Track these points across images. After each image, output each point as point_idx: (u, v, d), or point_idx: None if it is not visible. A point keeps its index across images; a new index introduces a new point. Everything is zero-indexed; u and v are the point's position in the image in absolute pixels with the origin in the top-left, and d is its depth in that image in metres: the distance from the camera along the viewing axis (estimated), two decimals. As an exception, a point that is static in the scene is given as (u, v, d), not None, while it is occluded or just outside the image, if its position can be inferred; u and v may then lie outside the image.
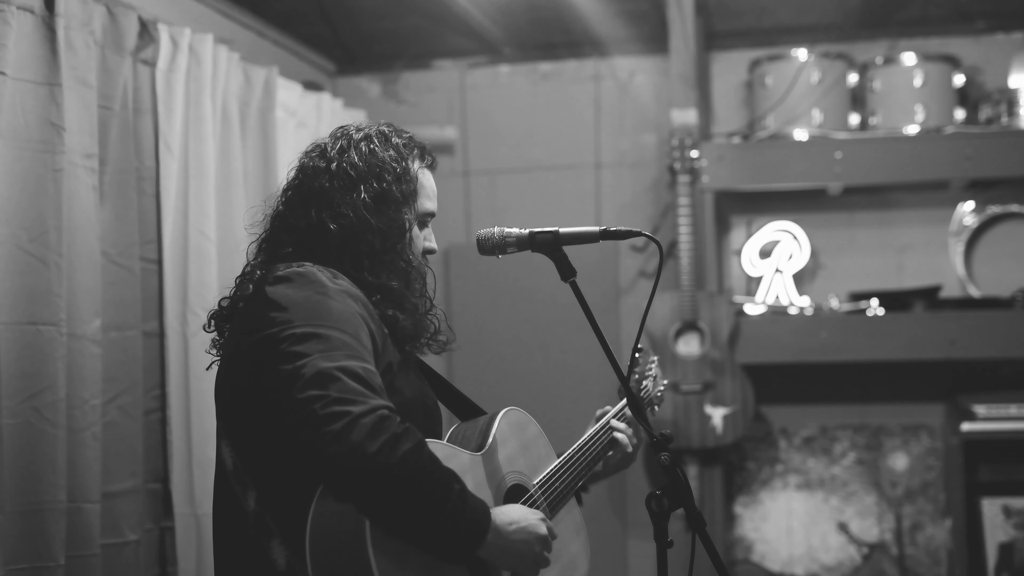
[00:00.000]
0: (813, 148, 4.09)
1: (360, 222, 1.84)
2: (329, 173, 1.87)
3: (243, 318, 1.79)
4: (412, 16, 4.43)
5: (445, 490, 1.63)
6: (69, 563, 2.44)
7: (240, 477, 1.75)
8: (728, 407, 4.03)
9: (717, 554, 1.85)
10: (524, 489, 1.95)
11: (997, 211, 4.15)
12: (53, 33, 2.49)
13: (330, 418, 1.55)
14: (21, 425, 2.38)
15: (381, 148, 1.90)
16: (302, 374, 1.59)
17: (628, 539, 4.44)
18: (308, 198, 1.87)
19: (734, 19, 4.42)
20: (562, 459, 2.07)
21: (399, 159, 1.91)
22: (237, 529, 1.76)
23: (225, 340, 1.87)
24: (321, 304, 1.70)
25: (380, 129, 1.94)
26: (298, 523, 1.64)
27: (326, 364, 1.60)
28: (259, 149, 3.41)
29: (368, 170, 1.88)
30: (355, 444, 1.54)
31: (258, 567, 1.72)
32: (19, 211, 2.41)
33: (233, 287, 1.88)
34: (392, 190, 1.88)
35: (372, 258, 1.85)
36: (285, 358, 1.63)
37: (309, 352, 1.62)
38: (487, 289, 4.37)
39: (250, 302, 1.78)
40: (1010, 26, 4.30)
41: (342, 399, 1.57)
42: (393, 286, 1.85)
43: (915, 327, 4.03)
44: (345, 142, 1.91)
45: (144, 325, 2.90)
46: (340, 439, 1.54)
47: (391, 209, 1.88)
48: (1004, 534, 3.94)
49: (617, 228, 1.93)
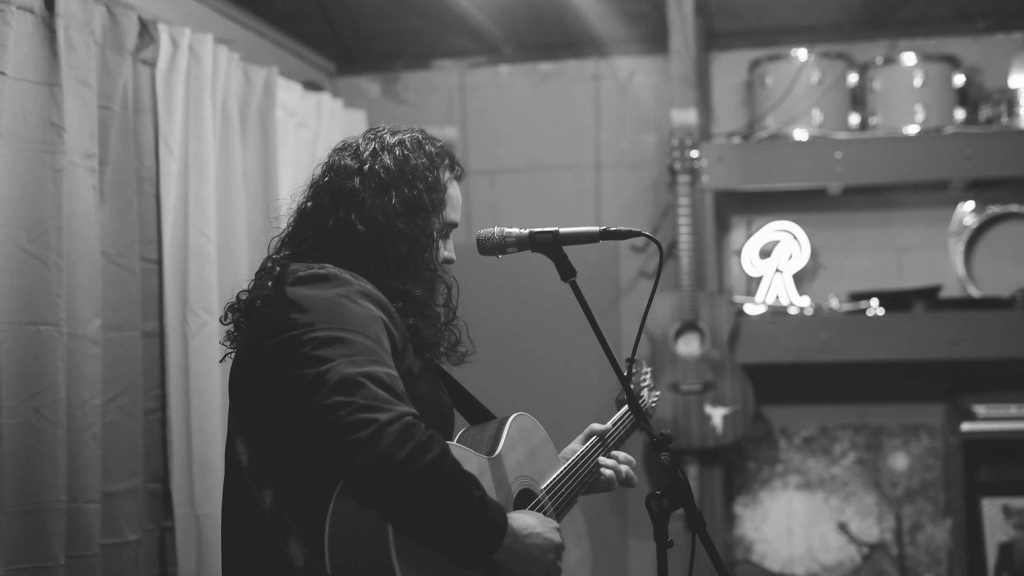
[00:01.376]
0: (813, 148, 4.09)
1: (389, 227, 1.83)
2: (360, 174, 1.86)
3: (263, 317, 1.77)
4: (412, 16, 4.43)
5: (467, 496, 1.63)
6: (69, 563, 2.44)
7: (256, 474, 1.74)
8: (728, 407, 4.03)
9: (717, 554, 1.85)
10: (532, 494, 1.95)
11: (997, 211, 4.15)
12: (53, 33, 2.49)
13: (357, 425, 1.55)
14: (21, 425, 2.37)
15: (414, 155, 1.89)
16: (327, 379, 1.59)
17: (628, 539, 4.44)
18: (337, 197, 1.86)
19: (734, 19, 4.42)
20: (566, 466, 2.07)
21: (431, 167, 1.90)
22: (251, 527, 1.75)
23: (242, 335, 1.86)
24: (343, 307, 1.69)
25: (414, 136, 1.93)
26: (317, 521, 1.64)
27: (351, 370, 1.60)
28: (259, 149, 3.41)
29: (400, 175, 1.86)
30: (382, 452, 1.54)
31: (273, 565, 1.70)
32: (19, 211, 2.41)
33: (252, 280, 1.87)
34: (423, 198, 1.87)
35: (398, 264, 1.84)
36: (308, 362, 1.62)
37: (333, 357, 1.61)
38: (487, 289, 4.37)
39: (270, 302, 1.76)
40: (1010, 26, 4.30)
41: (368, 406, 1.56)
42: (416, 294, 1.84)
43: (915, 327, 4.03)
44: (378, 144, 1.89)
45: (144, 325, 2.90)
46: (367, 447, 1.54)
47: (420, 217, 1.87)
48: (1004, 534, 3.94)
49: (617, 228, 1.93)
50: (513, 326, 4.46)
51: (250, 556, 1.76)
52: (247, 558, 1.77)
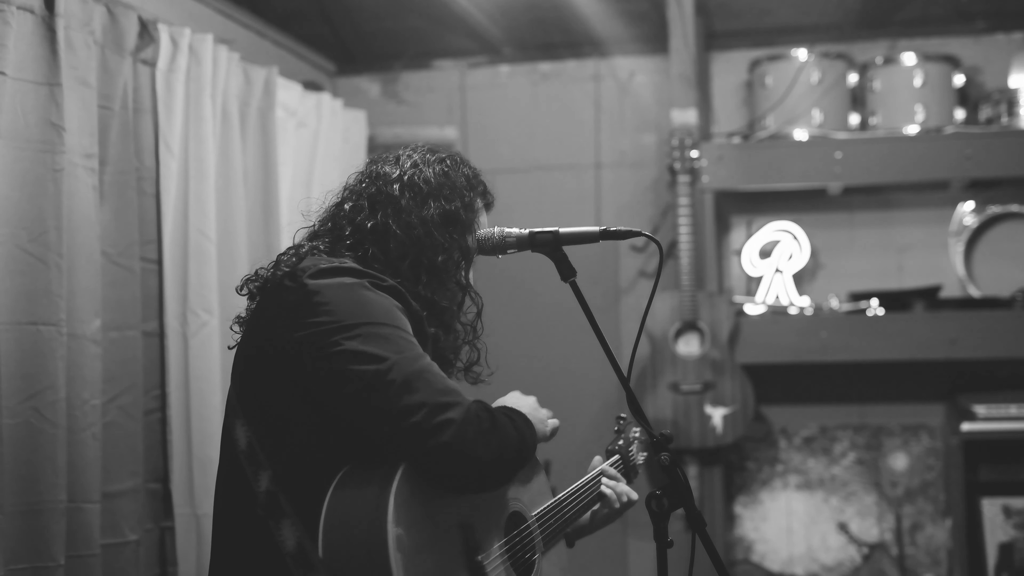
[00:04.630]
0: (813, 148, 4.09)
1: (427, 235, 1.85)
2: (401, 182, 1.89)
3: (285, 308, 1.75)
4: (412, 16, 4.43)
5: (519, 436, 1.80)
6: (69, 563, 2.44)
7: (254, 457, 1.74)
8: (728, 407, 4.03)
9: (717, 554, 1.85)
10: (523, 518, 1.96)
11: (997, 211, 4.15)
12: (53, 33, 2.49)
13: (437, 430, 1.63)
14: (21, 425, 2.37)
15: (454, 171, 1.94)
16: (389, 380, 1.64)
17: (628, 539, 4.44)
18: (376, 202, 1.88)
19: (734, 19, 4.42)
20: (557, 499, 2.08)
21: (469, 188, 1.95)
22: (242, 511, 1.75)
23: (249, 323, 1.85)
24: (371, 300, 1.71)
25: (453, 155, 1.98)
26: (314, 505, 1.66)
27: (409, 368, 1.66)
28: (259, 149, 3.41)
29: (440, 188, 1.90)
30: (469, 455, 1.66)
31: (262, 549, 1.71)
32: (19, 211, 2.41)
33: (276, 260, 1.86)
34: (460, 214, 1.90)
35: (431, 273, 1.86)
36: (355, 358, 1.65)
37: (384, 355, 1.66)
38: (487, 289, 4.37)
39: (291, 292, 1.75)
40: (1010, 26, 4.30)
41: (440, 404, 1.65)
42: (443, 305, 1.87)
43: (915, 327, 4.03)
44: (419, 157, 1.94)
45: (144, 325, 2.90)
46: (452, 450, 1.64)
47: (456, 231, 1.90)
48: (1004, 534, 3.94)
49: (617, 228, 1.94)
50: (513, 326, 4.46)
51: (239, 540, 1.77)
52: (236, 542, 1.78)
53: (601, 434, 4.37)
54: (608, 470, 2.20)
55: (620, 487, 2.17)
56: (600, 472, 2.19)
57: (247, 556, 1.76)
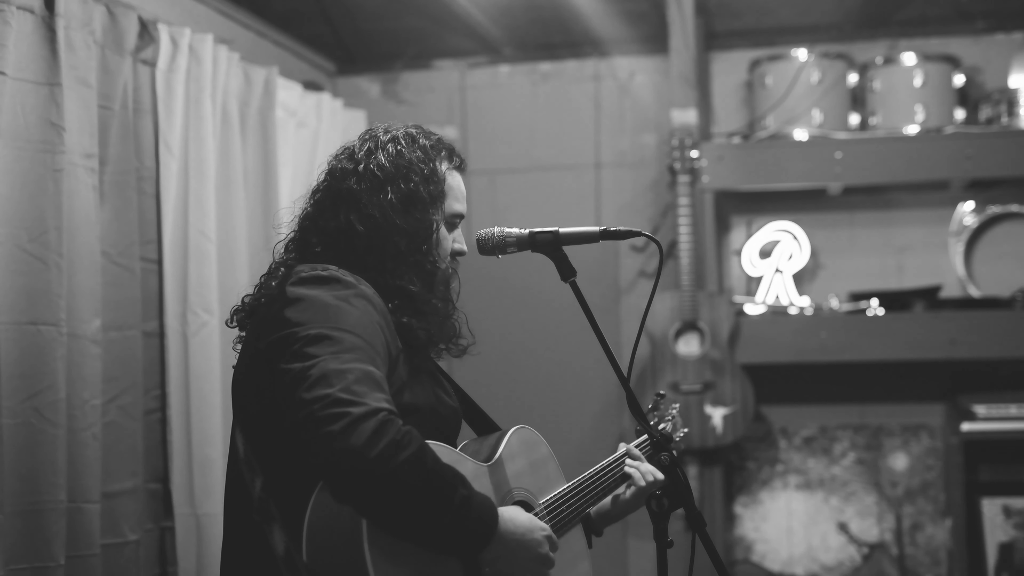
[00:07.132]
0: (813, 148, 4.09)
1: (387, 223, 1.84)
2: (357, 175, 1.87)
3: (263, 317, 1.79)
4: (412, 16, 4.43)
5: (448, 493, 1.60)
6: (69, 563, 2.45)
7: (250, 463, 1.77)
8: (728, 407, 4.03)
9: (717, 554, 1.85)
10: (529, 507, 1.93)
11: (997, 211, 4.15)
12: (53, 33, 2.49)
13: (330, 419, 1.53)
14: (21, 425, 2.38)
15: (408, 149, 1.90)
16: (309, 375, 1.59)
17: (628, 539, 4.44)
18: (336, 200, 1.87)
19: (734, 19, 4.42)
20: (572, 484, 2.03)
21: (426, 160, 1.91)
22: (243, 514, 1.79)
23: (245, 337, 1.88)
24: (339, 308, 1.69)
25: (407, 131, 1.94)
26: (299, 510, 1.65)
27: (334, 365, 1.59)
28: (259, 149, 3.41)
29: (395, 171, 1.87)
30: (355, 448, 1.51)
31: (259, 552, 1.73)
32: (19, 211, 2.41)
33: (258, 284, 1.88)
34: (419, 191, 1.87)
35: (396, 259, 1.84)
36: (295, 358, 1.63)
37: (319, 354, 1.61)
38: (487, 289, 4.37)
39: (272, 301, 1.78)
40: (1010, 26, 4.30)
41: (342, 400, 1.55)
42: (412, 290, 1.84)
43: (915, 327, 4.03)
44: (372, 144, 1.91)
45: (144, 325, 2.90)
46: (339, 441, 1.52)
47: (418, 210, 1.87)
48: (1004, 534, 3.94)
49: (617, 228, 1.93)
50: (513, 326, 4.45)
51: (240, 542, 1.80)
52: (238, 544, 1.81)
53: (601, 434, 4.37)
54: (633, 451, 2.11)
55: (644, 466, 2.06)
56: (625, 452, 2.11)
57: (248, 558, 1.78)
